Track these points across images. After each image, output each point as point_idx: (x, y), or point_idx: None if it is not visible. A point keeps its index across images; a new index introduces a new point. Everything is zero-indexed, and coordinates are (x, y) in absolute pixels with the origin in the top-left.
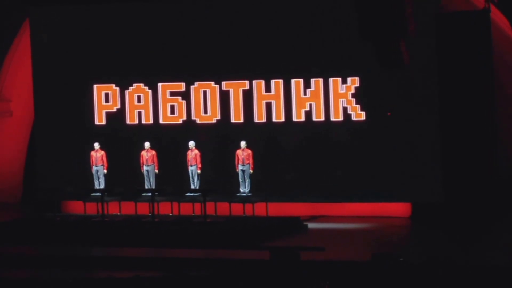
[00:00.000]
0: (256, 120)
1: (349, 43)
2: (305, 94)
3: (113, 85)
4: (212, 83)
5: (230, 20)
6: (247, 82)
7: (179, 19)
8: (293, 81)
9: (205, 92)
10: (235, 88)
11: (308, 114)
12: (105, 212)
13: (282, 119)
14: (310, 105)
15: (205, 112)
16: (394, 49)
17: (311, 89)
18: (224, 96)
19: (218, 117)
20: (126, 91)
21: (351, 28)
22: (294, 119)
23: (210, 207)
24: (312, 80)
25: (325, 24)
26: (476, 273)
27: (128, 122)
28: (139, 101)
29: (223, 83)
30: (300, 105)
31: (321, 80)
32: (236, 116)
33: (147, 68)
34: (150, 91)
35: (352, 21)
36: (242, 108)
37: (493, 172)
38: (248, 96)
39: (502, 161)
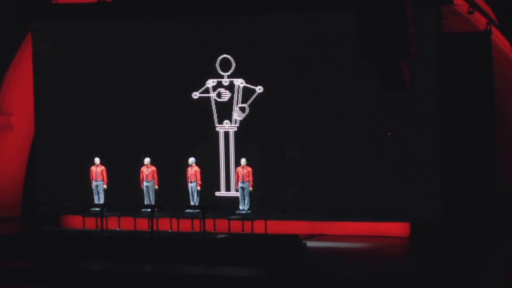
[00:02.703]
0: (255, 137)
1: (350, 63)
2: (305, 111)
3: (114, 99)
4: (214, 95)
5: (234, 38)
6: (241, 98)
7: (180, 36)
8: (292, 97)
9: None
10: (235, 104)
11: (307, 131)
12: (104, 227)
13: (282, 137)
14: (309, 122)
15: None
16: (395, 70)
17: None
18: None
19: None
20: (127, 105)
21: (352, 48)
22: (294, 137)
23: (209, 224)
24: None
25: (327, 45)
26: None
27: (128, 136)
28: (141, 115)
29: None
30: (299, 122)
31: (318, 98)
32: (237, 133)
33: (149, 82)
34: (151, 105)
35: (352, 41)
36: (243, 124)
37: (493, 193)
38: (245, 113)
39: (502, 182)
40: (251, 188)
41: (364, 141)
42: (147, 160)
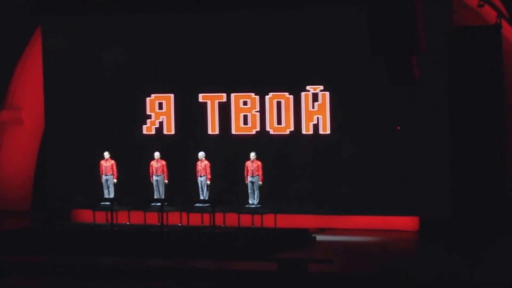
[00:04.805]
0: (265, 132)
1: (357, 58)
2: (313, 107)
3: (124, 93)
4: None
5: (246, 33)
6: (252, 93)
7: (189, 31)
8: (302, 94)
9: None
10: (241, 101)
11: (317, 127)
12: (114, 221)
13: (292, 131)
14: (318, 118)
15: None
16: (405, 65)
17: (319, 102)
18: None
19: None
20: (137, 100)
21: (362, 42)
22: (303, 131)
23: (219, 218)
24: (320, 94)
25: (336, 40)
26: None
27: (138, 130)
28: (150, 109)
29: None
30: (309, 118)
31: (327, 93)
32: (246, 128)
33: (158, 76)
34: (163, 102)
35: (362, 36)
36: (252, 120)
37: (502, 188)
38: (254, 109)
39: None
40: (260, 182)
41: (374, 135)
42: (156, 154)
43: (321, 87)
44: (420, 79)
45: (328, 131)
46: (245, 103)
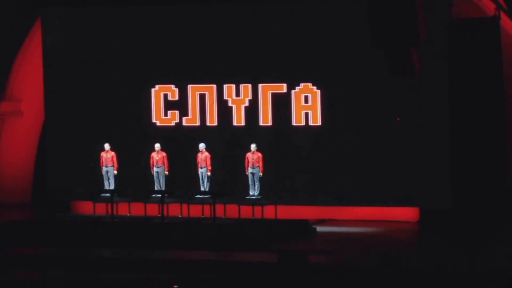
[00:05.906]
0: (265, 124)
1: (360, 50)
2: (314, 99)
3: (123, 85)
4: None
5: (246, 25)
6: (250, 86)
7: (189, 22)
8: (302, 85)
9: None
10: (242, 93)
11: (317, 118)
12: (115, 213)
13: (292, 123)
14: (319, 110)
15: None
16: (405, 57)
17: (320, 94)
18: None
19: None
20: (137, 91)
21: (362, 35)
22: (304, 123)
23: (219, 209)
24: (321, 85)
25: (336, 32)
26: (481, 280)
27: (138, 122)
28: (150, 100)
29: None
30: (310, 109)
31: (328, 85)
32: (246, 120)
33: (158, 68)
34: (161, 94)
35: (363, 28)
36: (252, 111)
37: (502, 179)
38: (254, 101)
39: (511, 168)
40: (261, 174)
41: (374, 126)
42: (157, 146)
43: (322, 79)
44: (420, 71)
45: (328, 123)
46: (246, 95)
